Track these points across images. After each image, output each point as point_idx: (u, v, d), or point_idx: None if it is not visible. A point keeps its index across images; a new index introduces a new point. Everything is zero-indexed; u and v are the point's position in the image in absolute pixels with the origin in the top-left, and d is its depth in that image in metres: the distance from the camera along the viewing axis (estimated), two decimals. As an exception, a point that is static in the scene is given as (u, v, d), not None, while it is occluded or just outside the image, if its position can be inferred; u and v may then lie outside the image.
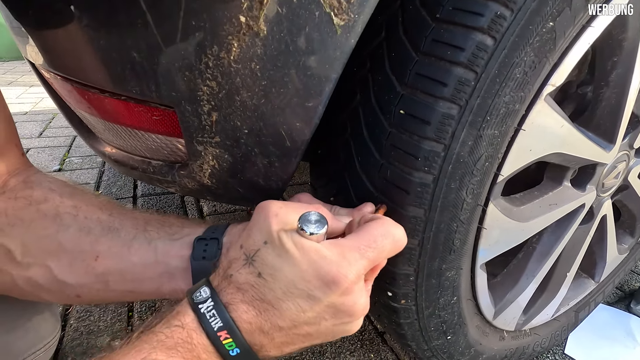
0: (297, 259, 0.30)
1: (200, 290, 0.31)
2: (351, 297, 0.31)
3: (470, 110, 0.35)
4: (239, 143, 0.39)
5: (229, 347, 0.29)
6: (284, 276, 0.30)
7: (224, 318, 0.29)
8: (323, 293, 0.30)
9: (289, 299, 0.30)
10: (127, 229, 0.39)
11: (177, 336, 0.29)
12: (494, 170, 0.40)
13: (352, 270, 0.30)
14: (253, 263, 0.31)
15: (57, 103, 0.59)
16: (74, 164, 1.47)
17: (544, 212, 0.51)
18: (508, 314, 0.60)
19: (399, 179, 0.37)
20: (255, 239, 0.32)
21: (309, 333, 0.32)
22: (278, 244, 0.31)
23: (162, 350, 0.28)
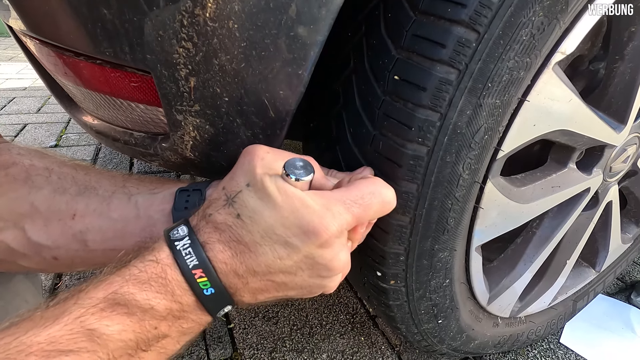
0: (279, 204, 0.29)
1: (177, 228, 0.31)
2: (330, 250, 0.30)
3: (470, 76, 0.32)
4: (220, 112, 0.36)
5: (204, 286, 0.29)
6: (264, 220, 0.29)
7: (200, 256, 0.29)
8: (302, 242, 0.29)
9: (267, 243, 0.30)
10: (104, 186, 0.38)
11: (150, 270, 0.28)
12: (494, 144, 0.37)
13: (334, 223, 0.29)
14: (233, 204, 0.30)
15: (39, 72, 0.56)
16: (71, 141, 1.45)
17: (546, 194, 0.48)
18: (503, 300, 0.58)
19: (391, 151, 0.35)
20: (238, 181, 0.31)
21: (284, 282, 0.31)
22: (260, 187, 0.30)
23: (134, 284, 0.27)
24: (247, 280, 0.30)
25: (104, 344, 0.26)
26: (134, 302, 0.27)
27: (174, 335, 0.30)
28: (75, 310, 0.26)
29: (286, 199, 0.29)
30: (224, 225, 0.30)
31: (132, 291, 0.27)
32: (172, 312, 0.29)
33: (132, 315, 0.27)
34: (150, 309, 0.28)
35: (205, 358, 0.63)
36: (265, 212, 0.29)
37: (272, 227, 0.29)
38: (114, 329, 0.26)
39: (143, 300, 0.27)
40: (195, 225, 0.31)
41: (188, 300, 0.29)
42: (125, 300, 0.27)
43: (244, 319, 0.72)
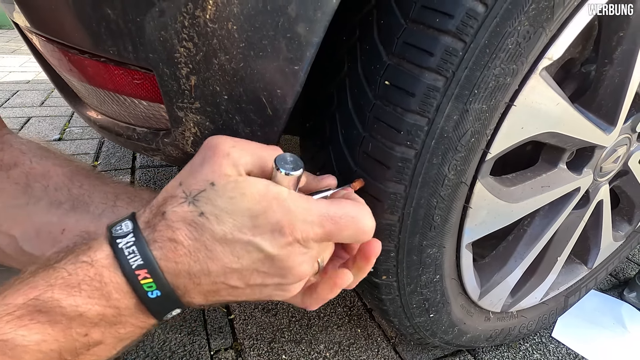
0: (253, 202, 0.28)
1: (122, 224, 0.28)
2: (292, 254, 0.29)
3: (457, 83, 0.33)
4: (220, 109, 0.38)
5: (148, 288, 0.27)
6: (232, 219, 0.28)
7: (145, 255, 0.27)
8: (265, 241, 0.28)
9: (228, 243, 0.28)
10: (96, 203, 0.39)
11: (82, 273, 0.26)
12: (482, 147, 0.39)
13: (303, 227, 0.28)
14: (195, 202, 0.28)
15: (43, 66, 0.58)
16: (74, 134, 1.47)
17: (536, 193, 0.49)
18: (494, 295, 0.60)
19: (380, 153, 0.36)
20: (199, 179, 0.29)
21: (236, 286, 0.30)
22: (232, 187, 0.28)
23: (61, 288, 0.25)
24: (199, 280, 0.28)
25: (18, 356, 0.23)
26: (58, 309, 0.25)
27: (109, 341, 0.28)
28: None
29: (264, 199, 0.28)
30: (180, 224, 0.28)
31: (57, 297, 0.25)
32: (106, 317, 0.26)
33: (56, 323, 0.25)
34: (79, 316, 0.25)
35: (207, 347, 0.66)
36: (236, 212, 0.28)
37: (239, 226, 0.28)
38: (31, 339, 0.24)
39: (70, 306, 0.25)
40: (147, 222, 0.29)
41: (128, 304, 0.27)
42: (47, 307, 0.25)
43: (244, 310, 0.75)
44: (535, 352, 0.72)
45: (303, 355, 0.66)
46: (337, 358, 0.66)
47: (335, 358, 0.66)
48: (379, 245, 0.35)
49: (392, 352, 0.69)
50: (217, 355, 0.65)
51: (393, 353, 0.68)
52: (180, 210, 0.28)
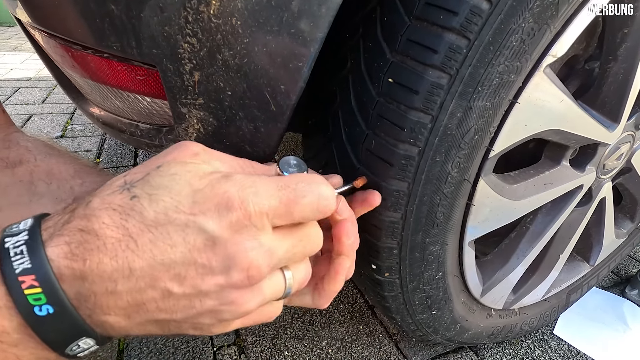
0: (199, 175, 0.24)
1: (22, 221, 0.23)
2: (240, 234, 0.22)
3: (461, 80, 0.33)
4: (223, 106, 0.38)
5: (35, 302, 0.20)
6: (168, 195, 0.22)
7: (37, 256, 0.20)
8: (208, 218, 0.22)
9: (159, 226, 0.22)
10: None
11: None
12: (485, 144, 0.38)
13: (255, 200, 0.23)
14: (131, 188, 0.23)
15: (46, 63, 0.58)
16: (76, 131, 1.47)
17: (538, 191, 0.49)
18: (496, 292, 0.60)
19: (383, 151, 0.36)
20: (146, 166, 0.25)
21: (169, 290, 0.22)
22: (178, 164, 0.24)
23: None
24: (115, 285, 0.21)
25: None
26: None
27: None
28: None
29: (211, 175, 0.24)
30: (101, 211, 0.22)
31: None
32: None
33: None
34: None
35: (209, 343, 0.66)
36: (174, 187, 0.23)
37: (175, 204, 0.22)
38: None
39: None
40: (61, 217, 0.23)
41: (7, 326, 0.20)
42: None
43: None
44: (537, 349, 0.72)
45: (305, 351, 0.66)
46: (340, 355, 0.66)
47: (337, 355, 0.66)
48: (349, 225, 0.30)
49: (394, 349, 0.69)
50: (220, 351, 0.65)
51: (395, 350, 0.69)
52: (110, 197, 0.23)
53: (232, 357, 0.64)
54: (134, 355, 0.63)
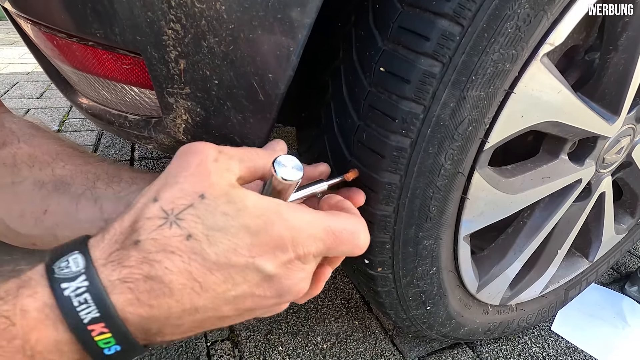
0: (251, 217, 0.24)
1: (68, 258, 0.22)
2: (292, 272, 0.26)
3: (454, 69, 0.32)
4: (210, 95, 0.37)
5: (105, 345, 0.21)
6: (226, 238, 0.23)
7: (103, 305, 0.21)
8: (267, 261, 0.24)
9: (221, 268, 0.23)
10: (77, 183, 0.38)
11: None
12: (480, 136, 0.37)
13: (307, 243, 0.25)
14: (178, 222, 0.23)
15: (34, 53, 0.57)
16: (73, 126, 1.46)
17: (536, 185, 0.48)
18: (492, 288, 0.59)
19: (374, 142, 0.35)
20: (184, 190, 0.24)
21: (227, 316, 0.26)
22: (225, 200, 0.24)
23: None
24: (181, 321, 0.24)
25: None
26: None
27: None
28: None
29: (260, 212, 0.24)
30: (161, 255, 0.22)
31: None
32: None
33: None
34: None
35: (203, 338, 0.66)
36: (230, 229, 0.23)
37: (235, 246, 0.23)
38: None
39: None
40: (109, 255, 0.23)
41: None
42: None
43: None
44: (534, 345, 0.72)
45: (300, 347, 0.66)
46: (335, 350, 0.66)
47: (332, 350, 0.66)
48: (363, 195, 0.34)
49: (390, 345, 0.68)
50: (213, 346, 0.65)
51: (390, 345, 0.68)
52: (161, 237, 0.23)
53: (225, 352, 0.64)
54: (126, 350, 0.62)
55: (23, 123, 0.43)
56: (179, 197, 0.24)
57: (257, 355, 0.64)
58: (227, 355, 0.63)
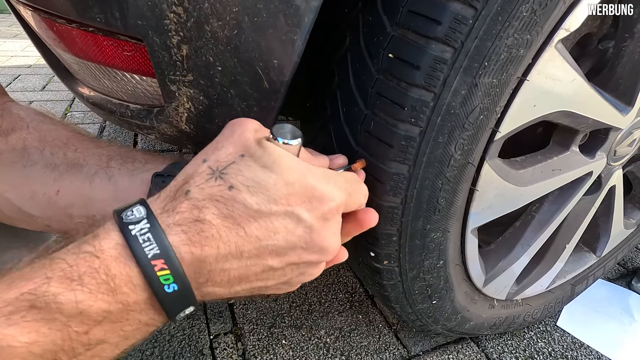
0: (285, 170, 0.27)
1: (132, 209, 0.25)
2: (329, 224, 0.28)
3: (466, 54, 0.31)
4: (214, 82, 0.36)
5: (165, 281, 0.24)
6: (265, 188, 0.26)
7: (162, 243, 0.24)
8: (306, 210, 0.27)
9: (263, 216, 0.26)
10: (90, 164, 0.38)
11: (85, 265, 0.23)
12: (491, 125, 0.36)
13: (339, 193, 0.28)
14: (223, 176, 0.26)
15: (35, 42, 0.56)
16: (76, 119, 1.46)
17: (546, 177, 0.47)
18: (499, 282, 0.58)
19: (382, 132, 0.34)
20: (228, 152, 0.27)
21: (270, 267, 0.28)
22: (261, 155, 0.27)
23: (59, 282, 0.22)
24: (229, 265, 0.26)
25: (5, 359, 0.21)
26: (54, 305, 0.22)
27: (112, 340, 0.25)
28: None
29: (291, 165, 0.27)
30: (207, 202, 0.26)
31: (55, 291, 0.22)
32: (111, 315, 0.24)
33: (52, 321, 0.22)
34: (79, 314, 0.22)
35: (206, 331, 0.66)
36: (268, 180, 0.26)
37: (273, 196, 0.26)
38: (22, 339, 0.21)
39: (69, 302, 0.22)
40: (163, 206, 0.26)
41: (137, 299, 0.24)
42: (43, 302, 0.22)
43: (244, 295, 0.74)
44: (540, 341, 0.71)
45: (303, 340, 0.66)
46: (338, 344, 0.65)
47: (336, 344, 0.65)
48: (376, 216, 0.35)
49: (394, 339, 0.68)
50: (216, 339, 0.64)
51: (395, 339, 0.68)
52: (207, 187, 0.26)
53: (228, 345, 0.64)
54: (129, 342, 0.62)
55: (31, 110, 0.43)
56: (223, 157, 0.27)
57: (260, 349, 0.63)
58: (230, 348, 0.63)
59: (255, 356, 0.62)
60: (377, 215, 0.35)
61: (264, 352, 0.63)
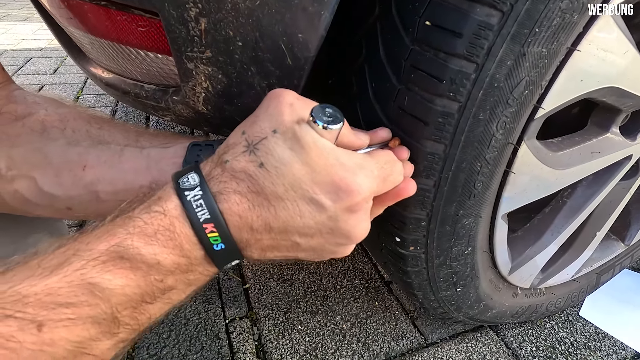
0: (311, 157, 0.27)
1: (188, 175, 0.28)
2: (356, 216, 0.28)
3: (515, 19, 0.28)
4: (233, 59, 0.33)
5: (214, 241, 0.27)
6: (291, 172, 0.27)
7: (212, 209, 0.27)
8: (330, 200, 0.27)
9: (290, 198, 0.27)
10: (117, 140, 0.38)
11: (157, 223, 0.26)
12: (534, 101, 0.33)
13: (367, 185, 0.28)
14: (255, 151, 0.27)
15: (46, 21, 0.54)
16: (87, 102, 1.45)
17: (585, 160, 0.44)
18: (525, 270, 0.56)
19: (417, 108, 0.32)
20: (262, 126, 0.28)
21: (297, 243, 0.29)
22: (291, 136, 0.27)
23: (139, 237, 0.26)
24: (260, 236, 0.29)
25: (106, 298, 0.25)
26: (138, 256, 0.26)
27: (180, 287, 0.29)
28: (75, 261, 0.24)
29: (320, 152, 0.27)
30: (242, 174, 0.27)
31: (137, 245, 0.26)
32: (180, 266, 0.27)
33: (137, 269, 0.26)
34: (157, 264, 0.26)
35: (221, 316, 0.65)
36: (295, 164, 0.27)
37: (300, 181, 0.27)
38: (116, 282, 0.25)
39: (149, 254, 0.26)
40: (209, 173, 0.28)
41: (197, 254, 0.28)
42: (129, 254, 0.25)
43: (259, 280, 0.73)
44: (562, 331, 0.69)
45: (319, 326, 0.64)
46: (354, 330, 0.64)
47: (352, 330, 0.64)
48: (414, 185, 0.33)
49: (411, 326, 0.66)
50: (232, 324, 0.64)
51: (412, 327, 0.66)
52: (242, 159, 0.28)
53: (244, 330, 0.63)
54: (145, 325, 0.62)
55: (45, 97, 0.42)
56: (258, 131, 0.28)
57: (276, 334, 0.63)
58: (246, 333, 0.62)
59: (271, 341, 0.61)
60: (414, 184, 0.33)
61: (280, 337, 0.62)
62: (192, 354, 0.58)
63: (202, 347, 0.59)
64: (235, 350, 0.59)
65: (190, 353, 0.58)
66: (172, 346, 0.59)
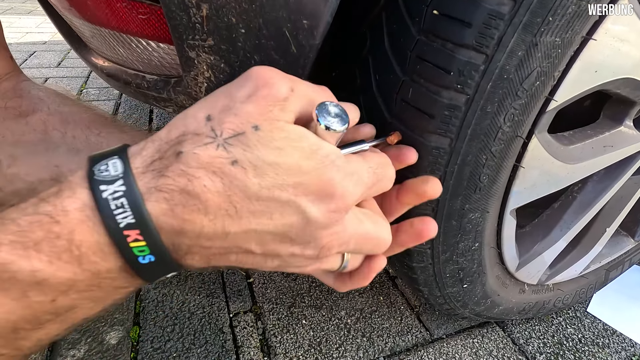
0: (304, 158, 0.22)
1: (107, 162, 0.22)
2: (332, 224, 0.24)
3: (528, 7, 0.26)
4: (236, 48, 0.33)
5: (139, 253, 0.21)
6: (275, 173, 0.22)
7: (138, 211, 0.20)
8: (310, 203, 0.23)
9: (261, 201, 0.22)
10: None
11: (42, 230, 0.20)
12: (545, 93, 0.32)
13: (354, 191, 0.24)
14: (227, 146, 0.22)
15: (47, 11, 0.54)
16: (91, 95, 1.45)
17: (597, 154, 0.43)
18: (533, 266, 0.55)
19: (422, 100, 0.31)
20: (240, 117, 0.22)
21: (251, 251, 0.24)
22: (279, 136, 0.22)
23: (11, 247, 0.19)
24: (211, 243, 0.23)
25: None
26: (6, 274, 0.19)
27: (84, 305, 0.23)
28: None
29: (319, 152, 0.23)
30: (202, 171, 0.21)
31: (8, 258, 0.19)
32: (79, 283, 0.21)
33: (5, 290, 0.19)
34: (37, 284, 0.20)
35: (225, 309, 0.65)
36: (281, 165, 0.22)
37: (281, 182, 0.22)
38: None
39: (24, 271, 0.19)
40: (146, 162, 0.22)
41: (109, 267, 0.21)
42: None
43: (263, 274, 0.73)
44: (569, 327, 0.68)
45: (324, 320, 0.64)
46: (359, 325, 0.64)
47: (357, 325, 0.64)
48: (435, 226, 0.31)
49: (416, 321, 0.66)
50: (236, 317, 0.64)
51: (417, 322, 0.66)
52: (205, 154, 0.21)
53: (248, 324, 0.63)
54: (149, 318, 0.62)
55: (50, 91, 0.42)
56: (231, 122, 0.22)
57: (281, 328, 0.62)
58: (250, 327, 0.62)
59: (275, 335, 0.61)
60: (436, 226, 0.31)
61: (284, 331, 0.62)
62: (196, 348, 0.58)
63: (206, 341, 0.59)
64: (240, 344, 0.59)
65: (194, 347, 0.58)
66: (176, 340, 0.59)
